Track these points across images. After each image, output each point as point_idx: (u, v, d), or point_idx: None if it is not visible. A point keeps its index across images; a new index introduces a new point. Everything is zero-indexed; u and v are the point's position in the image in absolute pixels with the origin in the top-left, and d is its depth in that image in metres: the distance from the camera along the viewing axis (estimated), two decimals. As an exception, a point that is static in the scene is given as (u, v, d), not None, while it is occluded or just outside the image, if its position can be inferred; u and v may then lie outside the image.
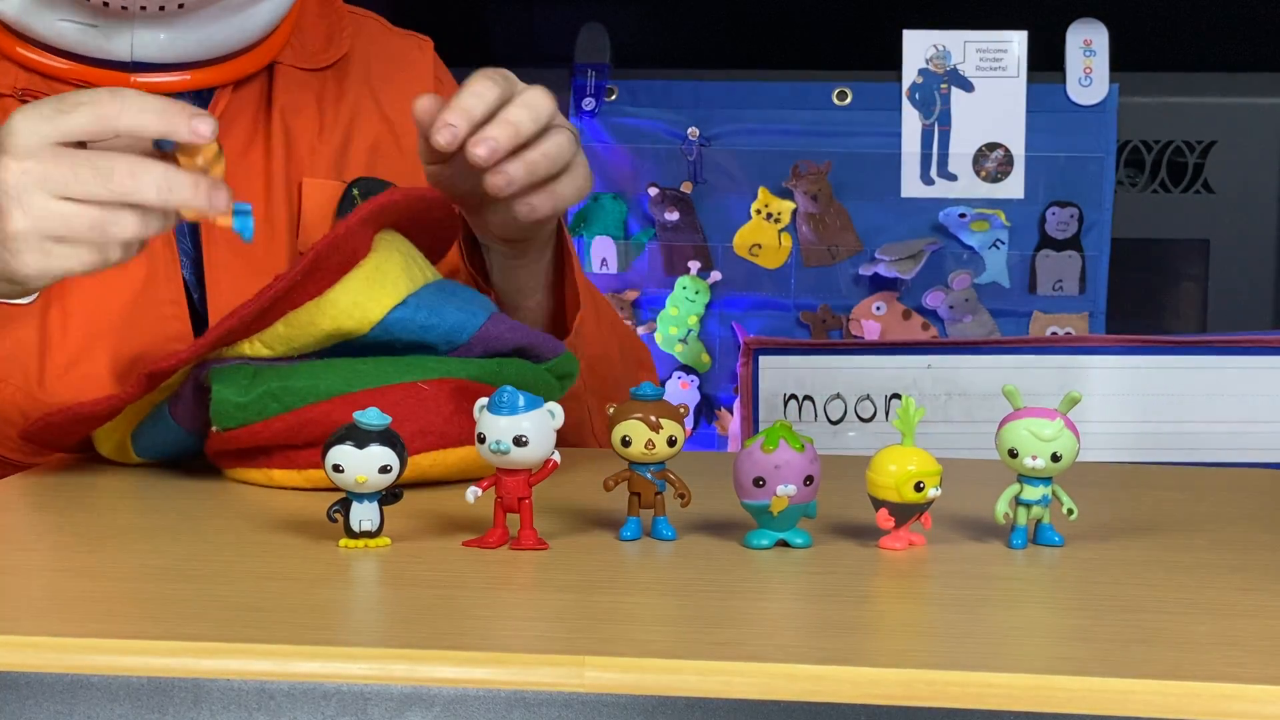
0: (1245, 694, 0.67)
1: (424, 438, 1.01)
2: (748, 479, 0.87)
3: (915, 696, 0.68)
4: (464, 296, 1.09)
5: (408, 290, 1.06)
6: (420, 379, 1.03)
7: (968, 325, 2.12)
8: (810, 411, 1.88)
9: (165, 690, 0.70)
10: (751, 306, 2.15)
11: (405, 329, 1.05)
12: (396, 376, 1.03)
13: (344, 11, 1.36)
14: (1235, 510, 1.02)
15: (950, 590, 0.83)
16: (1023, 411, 0.88)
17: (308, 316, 1.04)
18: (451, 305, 1.07)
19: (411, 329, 1.05)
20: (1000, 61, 2.11)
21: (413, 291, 1.06)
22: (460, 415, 1.02)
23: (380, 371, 1.03)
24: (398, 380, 1.03)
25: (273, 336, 1.04)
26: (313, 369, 1.03)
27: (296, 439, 1.02)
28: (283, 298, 1.03)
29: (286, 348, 1.05)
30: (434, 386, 1.03)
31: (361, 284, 1.04)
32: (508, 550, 0.88)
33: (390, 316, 1.05)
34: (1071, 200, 2.11)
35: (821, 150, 2.13)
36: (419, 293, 1.06)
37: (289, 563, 0.86)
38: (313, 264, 1.02)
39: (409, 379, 1.03)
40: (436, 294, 1.07)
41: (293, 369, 1.03)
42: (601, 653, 0.70)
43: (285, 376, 1.02)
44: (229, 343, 1.04)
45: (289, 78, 1.29)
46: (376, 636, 0.76)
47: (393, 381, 1.03)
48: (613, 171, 2.15)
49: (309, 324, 1.04)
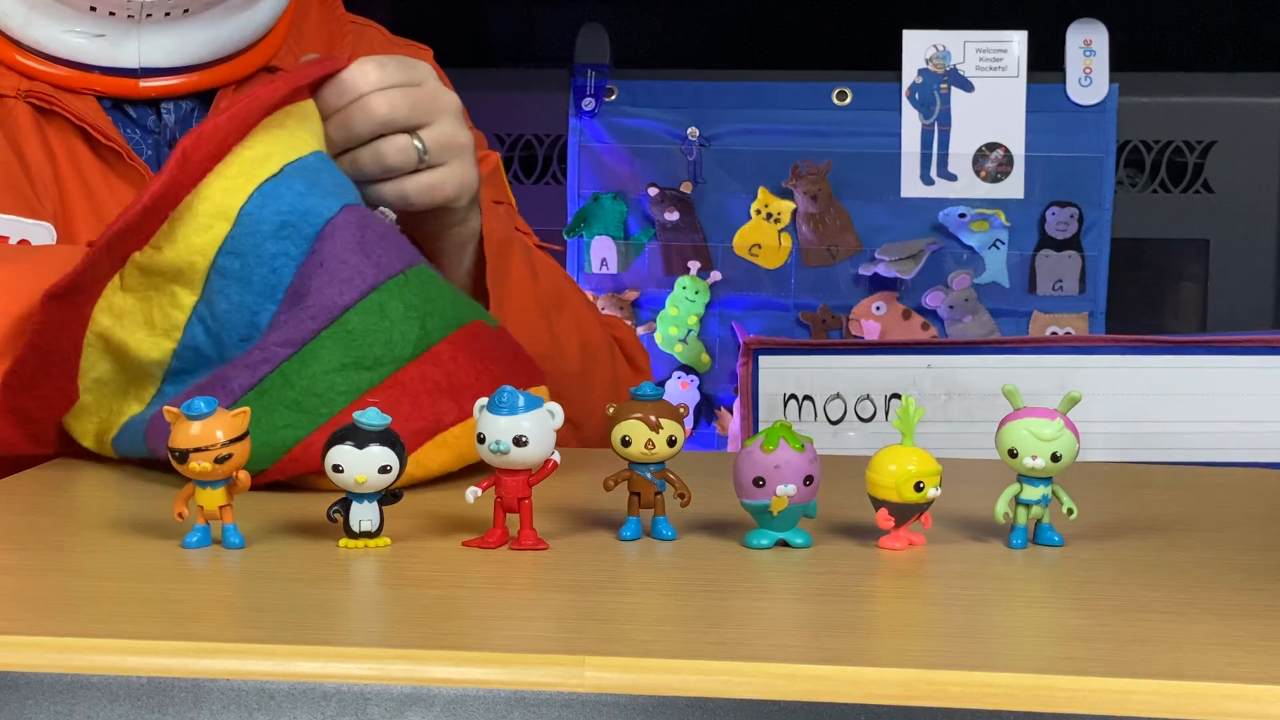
0: (1245, 694, 0.67)
1: (417, 436, 1.01)
2: (748, 479, 0.87)
3: (915, 696, 0.68)
4: (333, 175, 1.07)
5: (277, 168, 1.04)
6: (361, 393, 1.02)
7: (968, 325, 2.12)
8: (810, 411, 1.88)
9: (165, 690, 0.70)
10: (751, 306, 2.15)
11: (272, 208, 1.03)
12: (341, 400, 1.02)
13: (345, 20, 1.37)
14: (1235, 510, 1.02)
15: (950, 590, 0.83)
16: (1023, 411, 0.88)
17: (185, 205, 1.03)
18: (318, 187, 1.05)
19: (278, 209, 1.04)
20: (1000, 61, 2.11)
21: (285, 164, 1.05)
22: (427, 399, 1.02)
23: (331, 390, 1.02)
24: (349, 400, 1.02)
25: (160, 236, 1.03)
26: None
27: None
28: (160, 196, 1.02)
29: (174, 248, 1.03)
30: (380, 394, 1.02)
31: (235, 168, 1.04)
32: (508, 550, 0.88)
33: (259, 191, 1.03)
34: (1071, 200, 2.11)
35: (821, 150, 2.13)
36: (287, 169, 1.05)
37: (289, 563, 0.86)
38: (181, 158, 1.02)
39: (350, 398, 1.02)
40: (303, 172, 1.06)
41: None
42: (601, 653, 0.70)
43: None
44: (123, 250, 1.03)
45: None
46: (376, 636, 0.76)
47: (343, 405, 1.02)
48: (613, 171, 2.15)
49: (186, 210, 1.03)
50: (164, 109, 1.26)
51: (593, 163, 2.15)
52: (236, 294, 1.04)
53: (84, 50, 1.21)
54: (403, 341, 1.03)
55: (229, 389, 1.02)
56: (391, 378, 1.02)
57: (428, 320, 1.04)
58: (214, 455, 0.87)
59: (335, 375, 1.01)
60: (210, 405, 0.87)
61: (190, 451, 0.87)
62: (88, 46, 1.21)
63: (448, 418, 1.02)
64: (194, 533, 0.89)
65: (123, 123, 1.25)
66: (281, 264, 1.03)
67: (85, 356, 1.07)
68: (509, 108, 2.17)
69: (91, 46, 1.21)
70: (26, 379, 1.06)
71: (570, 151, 2.16)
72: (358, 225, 1.05)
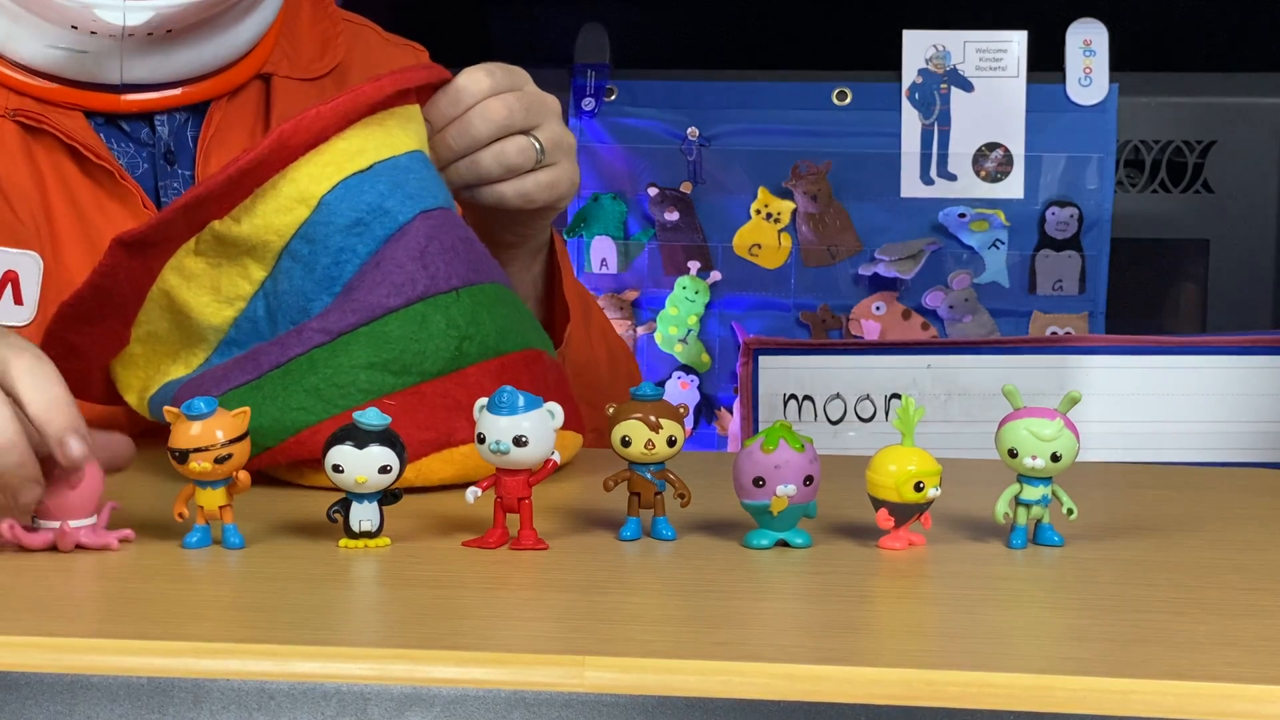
0: (1245, 694, 0.67)
1: (423, 446, 1.01)
2: (748, 479, 0.87)
3: (915, 696, 0.68)
4: (421, 180, 1.08)
5: (367, 164, 1.05)
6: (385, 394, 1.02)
7: (967, 325, 2.12)
8: (810, 411, 1.88)
9: (165, 690, 0.70)
10: (751, 306, 2.15)
11: (351, 202, 1.05)
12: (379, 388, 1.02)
13: (338, 18, 1.36)
14: (1235, 510, 1.02)
15: (950, 590, 0.83)
16: (1023, 411, 0.88)
17: (271, 184, 1.04)
18: (401, 189, 1.06)
19: (357, 204, 1.04)
20: (1000, 61, 2.11)
21: (376, 161, 1.06)
22: (444, 414, 1.02)
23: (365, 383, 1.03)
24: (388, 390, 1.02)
25: (242, 209, 1.04)
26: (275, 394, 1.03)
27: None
28: (248, 171, 1.03)
29: (254, 223, 1.04)
30: (398, 400, 1.03)
31: (327, 156, 1.05)
32: (508, 550, 0.88)
33: (344, 183, 1.04)
34: (1071, 200, 2.11)
35: (821, 150, 2.13)
36: (376, 166, 1.06)
37: (289, 563, 0.86)
38: (278, 141, 1.03)
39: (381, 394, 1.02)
40: (393, 171, 1.07)
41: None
42: (601, 653, 0.70)
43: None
44: (203, 216, 1.04)
45: (286, 89, 1.29)
46: (376, 636, 0.76)
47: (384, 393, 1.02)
48: (613, 171, 2.15)
49: (271, 189, 1.04)
50: (157, 121, 1.24)
51: (593, 163, 2.15)
52: (300, 278, 1.05)
53: (66, 66, 1.20)
54: (435, 357, 1.03)
55: (259, 364, 1.03)
56: (414, 388, 1.02)
57: (466, 343, 1.04)
58: (214, 455, 0.87)
59: (360, 371, 1.02)
60: (210, 405, 0.87)
61: (190, 452, 0.87)
62: (69, 62, 1.20)
63: (459, 435, 1.02)
64: (194, 533, 0.89)
65: (116, 137, 1.24)
66: (346, 259, 1.04)
67: (145, 309, 1.07)
68: (509, 108, 2.16)
69: (73, 62, 1.20)
70: (81, 313, 1.06)
71: (570, 151, 2.15)
72: (427, 234, 1.05)
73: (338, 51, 1.33)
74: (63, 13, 1.17)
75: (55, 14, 1.17)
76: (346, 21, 1.37)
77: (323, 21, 1.34)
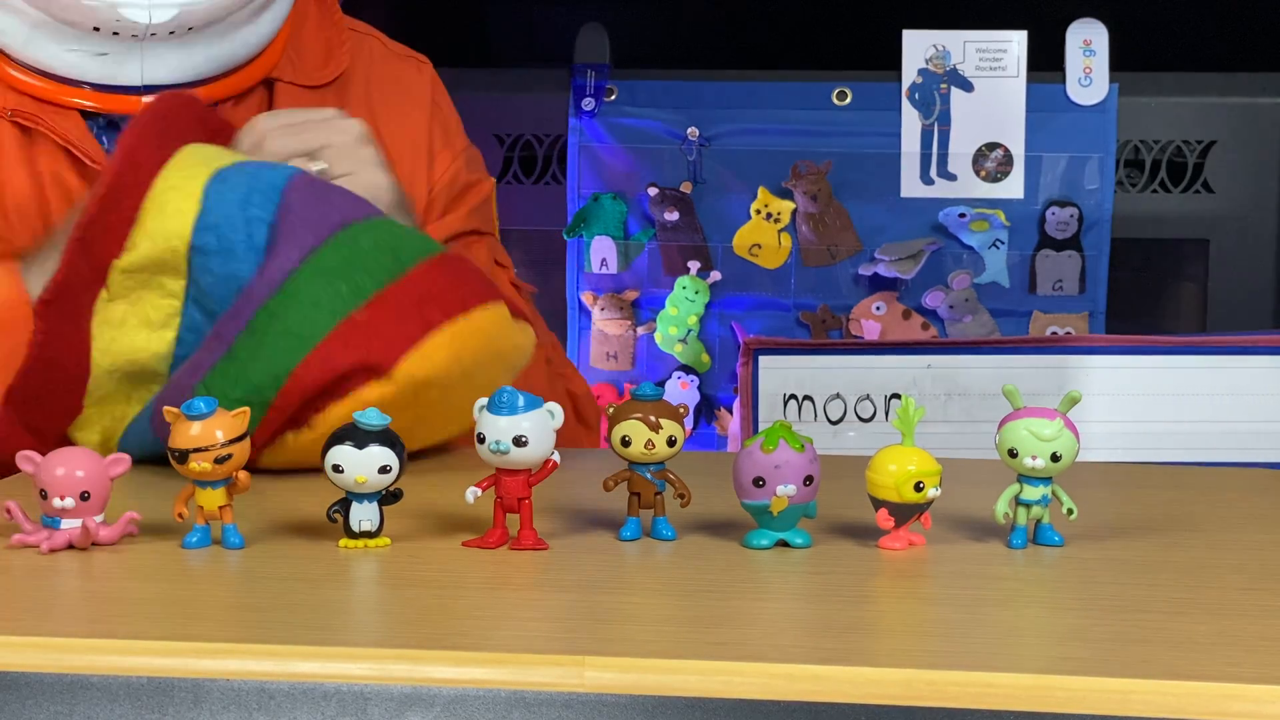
0: (1245, 694, 0.67)
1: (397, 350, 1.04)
2: (748, 479, 0.87)
3: (915, 696, 0.68)
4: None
5: (229, 160, 1.10)
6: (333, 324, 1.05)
7: (968, 325, 2.12)
8: (810, 411, 1.88)
9: (165, 690, 0.70)
10: (751, 306, 2.15)
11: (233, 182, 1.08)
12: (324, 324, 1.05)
13: (343, 26, 1.36)
14: (1235, 510, 1.02)
15: (950, 590, 0.83)
16: (1023, 411, 0.88)
17: (149, 200, 1.08)
18: (265, 165, 1.11)
19: (238, 183, 1.08)
20: (1000, 61, 2.11)
21: (235, 159, 1.11)
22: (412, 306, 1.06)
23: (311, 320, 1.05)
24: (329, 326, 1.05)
25: (133, 236, 1.07)
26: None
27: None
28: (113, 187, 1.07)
29: (151, 241, 1.07)
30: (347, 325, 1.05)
31: (187, 157, 1.09)
32: (508, 550, 0.88)
33: (216, 174, 1.08)
34: (1071, 200, 2.11)
35: (821, 150, 2.13)
36: (235, 162, 1.11)
37: (289, 563, 0.86)
38: (129, 160, 1.08)
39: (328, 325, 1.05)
40: (250, 159, 1.12)
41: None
42: (601, 653, 0.70)
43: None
44: (100, 259, 1.07)
45: (289, 95, 1.29)
46: (376, 636, 0.76)
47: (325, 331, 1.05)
48: (613, 171, 2.15)
49: (151, 204, 1.07)
50: None
51: (592, 163, 2.15)
52: (219, 265, 1.07)
53: (85, 68, 1.21)
54: (377, 269, 1.06)
55: (223, 338, 1.06)
56: (376, 296, 1.05)
57: (400, 252, 1.08)
58: (214, 455, 0.87)
59: (322, 299, 1.05)
60: (210, 405, 0.87)
61: (190, 452, 0.87)
62: (89, 65, 1.21)
63: (434, 317, 1.05)
64: (194, 533, 0.89)
65: (117, 139, 1.24)
66: (256, 227, 1.07)
67: (94, 379, 1.09)
68: (509, 108, 2.17)
69: (93, 65, 1.21)
70: (32, 393, 1.08)
71: (570, 151, 2.16)
72: (315, 184, 1.10)
73: (341, 61, 1.33)
74: (87, 14, 1.18)
75: (80, 15, 1.18)
76: (351, 30, 1.37)
77: (328, 29, 1.34)
